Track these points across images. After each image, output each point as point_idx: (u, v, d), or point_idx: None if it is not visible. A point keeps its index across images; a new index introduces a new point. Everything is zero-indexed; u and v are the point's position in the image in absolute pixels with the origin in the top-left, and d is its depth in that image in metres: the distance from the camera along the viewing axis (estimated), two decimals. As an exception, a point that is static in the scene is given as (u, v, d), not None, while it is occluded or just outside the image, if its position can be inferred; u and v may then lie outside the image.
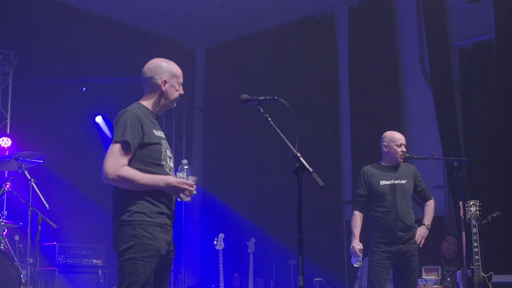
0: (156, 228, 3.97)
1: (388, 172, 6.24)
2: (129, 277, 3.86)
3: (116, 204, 4.03)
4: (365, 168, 6.33)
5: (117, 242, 3.96)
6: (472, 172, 8.57)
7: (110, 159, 3.93)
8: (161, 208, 4.02)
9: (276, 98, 3.90)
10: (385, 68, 10.11)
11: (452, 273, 8.14)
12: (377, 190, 6.15)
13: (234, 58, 11.71)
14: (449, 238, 8.46)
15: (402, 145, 6.27)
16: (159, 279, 4.06)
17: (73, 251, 8.36)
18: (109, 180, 3.92)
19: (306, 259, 10.51)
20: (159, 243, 3.96)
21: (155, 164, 4.04)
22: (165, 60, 4.29)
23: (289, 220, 10.18)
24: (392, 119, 9.76)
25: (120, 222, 3.95)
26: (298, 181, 3.62)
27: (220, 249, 9.09)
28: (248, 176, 11.03)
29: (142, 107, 4.16)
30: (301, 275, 3.57)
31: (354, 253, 6.23)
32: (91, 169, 9.56)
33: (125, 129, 3.95)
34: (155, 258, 3.94)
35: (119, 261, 3.94)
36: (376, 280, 6.01)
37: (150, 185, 3.94)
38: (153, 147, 4.05)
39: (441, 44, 9.59)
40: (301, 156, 3.62)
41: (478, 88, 9.16)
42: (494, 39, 9.16)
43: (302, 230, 3.63)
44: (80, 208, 9.55)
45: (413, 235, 6.10)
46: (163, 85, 4.17)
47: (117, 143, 3.95)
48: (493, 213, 7.03)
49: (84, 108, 9.76)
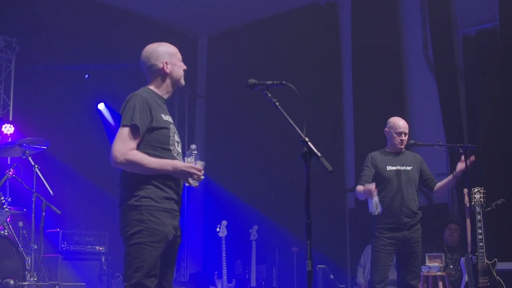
0: (163, 213, 3.96)
1: (394, 158, 6.23)
2: (136, 262, 3.86)
3: (124, 189, 4.02)
4: (371, 154, 6.32)
5: (124, 227, 3.95)
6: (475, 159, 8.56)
7: (118, 142, 3.92)
8: (168, 193, 4.01)
9: (284, 83, 3.89)
10: (388, 55, 10.09)
11: (454, 260, 8.15)
12: (383, 175, 6.14)
13: (236, 46, 11.67)
14: (451, 225, 8.46)
15: (402, 134, 6.23)
16: (166, 265, 4.05)
17: (76, 238, 8.35)
18: (117, 163, 3.91)
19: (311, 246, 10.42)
20: (166, 228, 3.96)
21: (163, 148, 4.03)
22: (157, 43, 4.28)
23: (292, 207, 10.27)
24: (395, 106, 9.73)
25: (127, 206, 3.94)
26: (306, 166, 3.62)
27: (223, 236, 9.09)
28: (251, 163, 11.02)
29: (150, 91, 4.15)
30: (309, 259, 3.58)
31: (368, 193, 5.89)
32: (94, 156, 9.66)
33: (133, 112, 3.93)
34: (162, 243, 3.93)
35: (126, 246, 3.93)
36: (380, 266, 6.00)
37: (158, 169, 3.92)
38: (161, 132, 4.04)
39: (445, 31, 9.56)
40: (309, 141, 3.61)
41: (482, 76, 9.13)
42: (498, 26, 9.12)
43: (310, 215, 3.63)
44: (83, 195, 9.55)
45: (417, 221, 6.09)
46: (166, 67, 4.16)
47: (125, 127, 3.94)
48: (498, 200, 7.02)
49: (86, 95, 9.74)
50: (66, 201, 8.27)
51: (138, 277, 3.84)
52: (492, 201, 6.98)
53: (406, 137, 6.25)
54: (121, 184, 4.06)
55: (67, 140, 9.21)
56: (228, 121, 11.53)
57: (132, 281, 3.84)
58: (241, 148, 11.21)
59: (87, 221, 9.27)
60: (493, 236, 7.33)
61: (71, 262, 8.17)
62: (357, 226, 9.99)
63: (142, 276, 3.84)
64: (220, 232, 9.10)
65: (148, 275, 3.86)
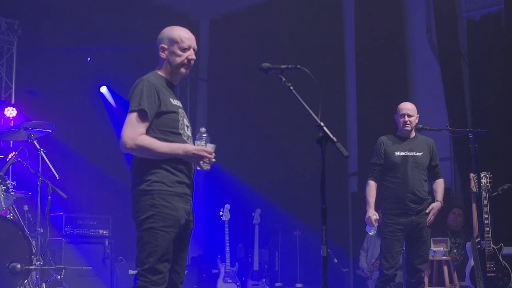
0: (175, 198, 3.94)
1: (404, 143, 6.21)
2: (149, 247, 3.84)
3: (135, 174, 3.99)
4: (381, 138, 6.29)
5: (136, 212, 3.92)
6: (479, 143, 8.55)
7: (127, 128, 3.88)
8: (180, 177, 3.98)
9: (299, 67, 3.85)
10: (392, 39, 10.03)
11: (458, 245, 8.16)
12: (391, 160, 6.12)
13: (238, 29, 11.60)
14: (455, 210, 8.46)
15: (405, 115, 6.20)
16: (178, 249, 4.03)
17: (80, 222, 8.32)
18: (127, 149, 3.87)
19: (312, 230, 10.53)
20: (178, 213, 3.94)
21: (172, 132, 3.99)
22: (171, 27, 4.20)
23: (295, 191, 10.27)
24: (399, 90, 9.72)
25: (138, 191, 3.91)
26: (322, 151, 3.58)
27: (226, 220, 9.10)
28: (254, 146, 10.98)
29: (158, 76, 4.11)
30: (324, 245, 3.56)
31: (370, 223, 6.17)
32: (97, 139, 9.64)
33: (141, 97, 3.89)
34: (174, 228, 3.91)
35: (138, 231, 3.91)
36: (388, 253, 6.00)
37: (169, 154, 3.90)
38: (170, 116, 4.00)
39: (449, 15, 9.52)
40: (324, 125, 3.58)
41: (486, 60, 9.09)
42: (502, 10, 9.07)
43: (325, 200, 3.61)
44: (87, 178, 9.53)
45: (425, 206, 6.08)
46: (161, 52, 4.11)
47: (134, 112, 3.89)
48: (504, 185, 7.03)
49: (89, 78, 9.70)
50: (70, 184, 8.24)
51: (151, 262, 3.83)
52: (498, 186, 6.98)
53: (412, 119, 6.20)
54: (132, 169, 4.03)
55: (71, 123, 9.18)
56: (230, 104, 11.49)
57: (145, 266, 3.83)
58: (244, 132, 11.17)
59: (91, 205, 9.26)
60: (499, 221, 7.34)
61: (74, 245, 8.15)
62: (360, 210, 9.95)
63: (155, 261, 3.83)
64: (223, 216, 9.10)
65: (161, 260, 3.85)
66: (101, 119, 9.58)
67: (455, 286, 7.20)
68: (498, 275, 6.66)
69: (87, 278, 7.97)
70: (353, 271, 9.54)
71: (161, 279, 3.86)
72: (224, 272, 9.00)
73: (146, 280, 3.83)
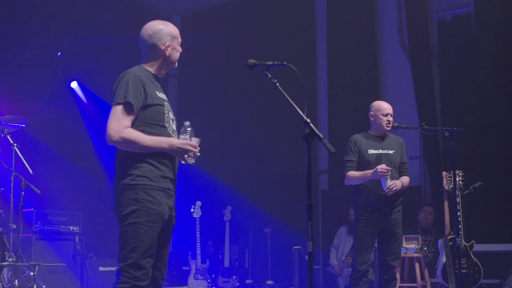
0: (159, 193, 3.94)
1: (376, 141, 6.25)
2: (132, 242, 3.82)
3: (119, 167, 3.97)
4: (354, 136, 6.33)
5: (119, 206, 3.90)
6: (449, 142, 8.69)
7: (113, 121, 3.85)
8: (164, 172, 3.98)
9: (285, 64, 3.87)
10: (363, 38, 10.11)
11: (428, 242, 8.26)
12: (364, 158, 6.16)
13: (210, 26, 11.56)
14: (426, 208, 8.56)
15: (388, 115, 6.27)
16: (160, 245, 4.03)
17: (50, 218, 8.23)
18: (112, 142, 3.85)
19: (283, 227, 10.53)
20: (162, 208, 3.94)
21: (158, 125, 3.98)
22: (162, 22, 4.23)
23: (267, 188, 10.29)
24: (370, 89, 9.82)
25: (122, 185, 3.89)
26: (308, 147, 3.60)
27: (197, 216, 9.07)
28: (226, 143, 10.96)
29: (143, 69, 4.10)
30: (310, 240, 3.56)
31: (381, 174, 5.92)
32: (70, 134, 9.52)
33: (127, 90, 3.87)
34: (158, 223, 3.91)
35: (121, 226, 3.89)
36: (362, 248, 6.03)
37: (154, 147, 3.88)
38: (156, 108, 3.99)
39: (420, 15, 9.62)
40: (311, 122, 3.59)
41: (456, 60, 9.22)
42: (472, 11, 9.20)
43: (311, 196, 3.62)
44: (60, 173, 9.40)
45: (398, 203, 6.14)
46: (166, 50, 4.11)
47: (119, 105, 3.87)
48: (475, 183, 7.13)
49: (59, 73, 9.58)
50: (42, 180, 8.13)
51: (134, 258, 3.81)
52: (469, 184, 7.09)
53: (392, 118, 6.28)
54: (116, 163, 4.01)
55: (42, 118, 9.03)
56: (201, 100, 11.46)
57: (128, 261, 3.81)
58: (215, 128, 11.14)
59: (62, 201, 9.14)
60: (470, 218, 7.46)
61: (44, 242, 8.06)
62: (330, 207, 10.08)
63: (138, 256, 3.82)
64: (194, 212, 9.08)
65: (145, 255, 3.84)
66: (73, 113, 9.48)
67: (426, 282, 7.28)
68: (470, 272, 6.76)
69: (58, 275, 7.88)
70: (323, 268, 9.59)
71: (144, 275, 3.84)
72: (195, 269, 8.97)
73: (129, 275, 3.81)
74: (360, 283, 5.96)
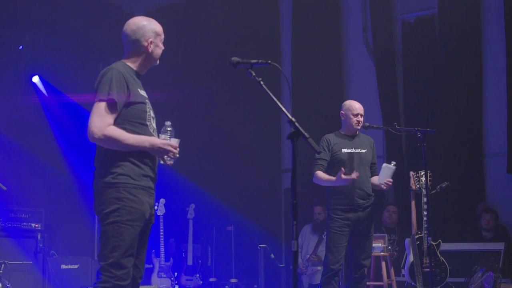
0: (140, 191, 3.88)
1: (348, 140, 6.29)
2: (113, 241, 3.77)
3: (99, 165, 3.90)
4: (326, 136, 6.34)
5: (100, 205, 3.84)
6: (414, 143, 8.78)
7: (95, 117, 3.79)
8: (145, 171, 3.93)
9: (270, 62, 3.87)
10: (328, 38, 10.17)
11: (393, 241, 8.35)
12: (338, 157, 6.18)
13: (174, 22, 11.45)
14: (390, 207, 8.66)
15: (358, 115, 6.31)
16: (140, 244, 3.97)
17: (12, 215, 8.04)
18: (95, 139, 3.78)
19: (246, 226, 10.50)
20: (143, 207, 3.89)
21: (140, 123, 3.93)
22: (146, 18, 4.21)
23: (231, 186, 10.25)
24: (334, 89, 9.89)
25: (103, 184, 3.83)
26: (293, 146, 3.60)
27: (161, 214, 9.02)
28: (191, 139, 10.84)
29: (125, 66, 4.05)
30: (294, 240, 3.55)
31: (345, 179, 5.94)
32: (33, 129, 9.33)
33: (110, 87, 3.82)
34: (139, 222, 3.86)
35: (102, 225, 3.83)
36: (335, 247, 6.05)
37: (136, 146, 3.83)
38: (138, 106, 3.95)
39: (385, 16, 9.76)
40: (296, 121, 3.60)
41: (419, 61, 9.38)
42: (436, 14, 9.38)
43: (296, 196, 3.61)
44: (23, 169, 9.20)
45: (371, 203, 6.19)
46: (149, 47, 4.07)
47: (102, 101, 3.81)
48: (442, 183, 7.24)
49: (21, 67, 9.39)
50: (3, 175, 7.95)
51: (115, 257, 3.76)
52: (435, 184, 7.19)
53: (362, 119, 6.32)
54: (96, 160, 3.95)
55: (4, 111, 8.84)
56: (165, 97, 11.34)
57: (109, 260, 3.76)
58: (180, 125, 11.04)
59: (24, 197, 8.96)
60: (437, 218, 7.57)
61: (5, 239, 7.87)
62: (293, 206, 10.08)
63: (120, 255, 3.77)
64: (158, 210, 9.01)
65: (126, 254, 3.79)
66: (35, 108, 9.31)
67: (392, 281, 7.36)
68: (436, 271, 6.86)
69: (21, 273, 7.72)
70: (287, 267, 9.61)
71: (125, 274, 3.80)
72: (158, 267, 8.92)
73: (110, 275, 3.76)
74: (332, 282, 5.98)
